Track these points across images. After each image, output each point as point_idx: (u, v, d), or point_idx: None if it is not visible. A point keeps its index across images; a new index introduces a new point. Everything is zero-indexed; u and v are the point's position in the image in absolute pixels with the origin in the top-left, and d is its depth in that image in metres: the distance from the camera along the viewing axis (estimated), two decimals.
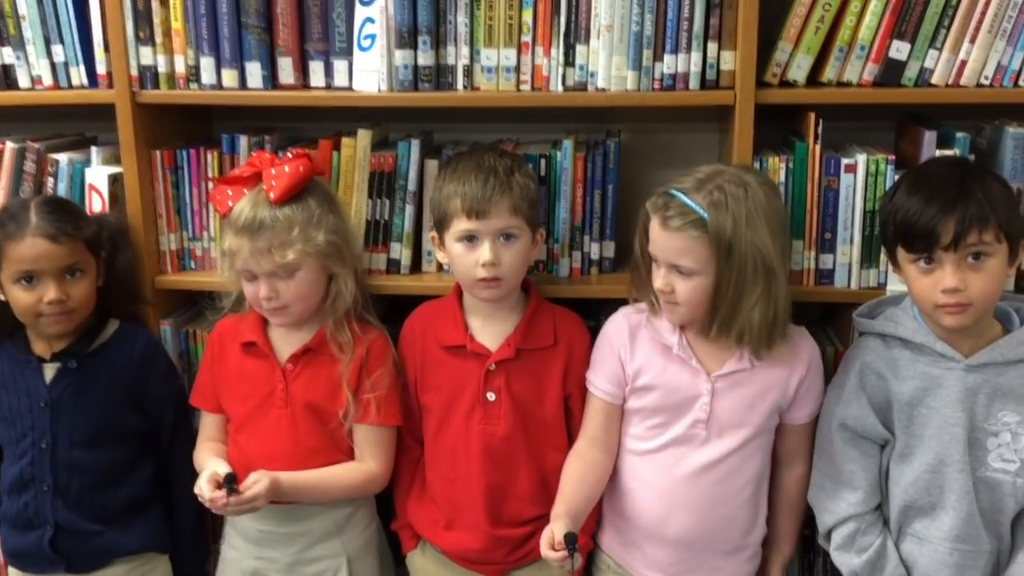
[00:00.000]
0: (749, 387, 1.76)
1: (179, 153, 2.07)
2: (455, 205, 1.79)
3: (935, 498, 1.69)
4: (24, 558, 1.94)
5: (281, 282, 1.80)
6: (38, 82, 2.07)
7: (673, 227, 1.66)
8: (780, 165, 1.90)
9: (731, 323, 1.69)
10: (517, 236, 1.81)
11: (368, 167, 2.00)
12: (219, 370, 1.92)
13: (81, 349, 1.89)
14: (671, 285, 1.69)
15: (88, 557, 1.92)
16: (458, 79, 1.96)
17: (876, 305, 1.81)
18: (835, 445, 1.76)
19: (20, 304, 1.83)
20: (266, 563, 1.91)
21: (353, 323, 1.89)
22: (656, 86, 1.91)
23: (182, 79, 2.02)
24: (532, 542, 1.89)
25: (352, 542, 1.92)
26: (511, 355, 1.85)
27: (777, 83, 1.91)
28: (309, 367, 1.87)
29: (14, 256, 1.81)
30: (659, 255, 1.71)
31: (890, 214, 1.66)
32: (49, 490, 1.88)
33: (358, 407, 1.85)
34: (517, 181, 1.81)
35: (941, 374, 1.67)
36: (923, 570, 1.71)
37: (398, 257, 2.05)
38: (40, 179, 2.07)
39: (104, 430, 1.89)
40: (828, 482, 1.78)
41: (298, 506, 1.86)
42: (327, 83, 2.02)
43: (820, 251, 1.94)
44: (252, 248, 1.77)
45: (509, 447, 1.86)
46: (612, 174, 2.02)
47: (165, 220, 2.08)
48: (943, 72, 1.88)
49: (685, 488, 1.77)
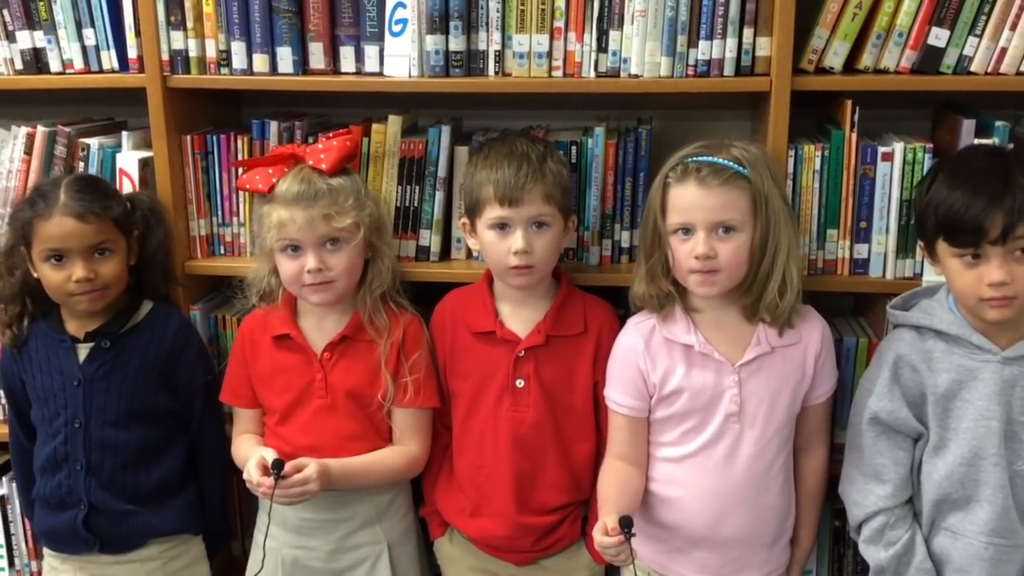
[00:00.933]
0: (772, 371, 1.74)
1: (209, 138, 2.07)
2: (487, 192, 1.78)
3: (970, 492, 1.67)
4: (58, 538, 1.95)
5: (329, 255, 1.80)
6: (69, 66, 2.07)
7: (713, 184, 1.66)
8: (816, 153, 1.88)
9: (768, 281, 1.69)
10: (549, 224, 1.80)
11: (398, 153, 2.00)
12: (253, 366, 1.92)
13: (115, 329, 1.89)
14: (714, 249, 1.67)
15: (122, 538, 1.93)
16: (489, 65, 1.94)
17: (910, 297, 1.79)
18: (866, 438, 1.74)
19: (50, 282, 1.84)
20: (306, 552, 1.90)
21: (389, 305, 1.89)
22: (690, 72, 1.89)
23: (213, 64, 2.01)
24: (559, 531, 1.89)
25: (392, 529, 1.93)
26: (541, 342, 1.84)
27: (813, 70, 1.89)
28: (346, 355, 1.87)
29: (43, 235, 1.82)
30: (697, 218, 1.67)
31: (930, 207, 1.63)
32: (82, 469, 1.89)
33: (398, 390, 1.85)
34: (550, 168, 1.80)
35: (977, 366, 1.65)
36: (957, 564, 1.69)
37: (427, 244, 2.04)
38: (71, 163, 2.07)
39: (136, 410, 1.90)
40: (858, 475, 1.76)
41: (340, 493, 1.85)
42: (357, 68, 2.01)
43: (855, 240, 1.92)
44: (307, 216, 1.77)
45: (537, 435, 1.85)
46: (644, 161, 2.00)
47: (195, 205, 2.08)
48: (982, 59, 1.85)
49: (733, 486, 1.75)
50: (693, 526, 1.77)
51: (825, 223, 1.91)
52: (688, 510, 1.77)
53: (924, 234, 1.70)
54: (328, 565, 1.90)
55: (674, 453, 1.79)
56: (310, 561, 1.90)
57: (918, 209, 1.72)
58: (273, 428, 1.91)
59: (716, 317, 1.76)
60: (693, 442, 1.76)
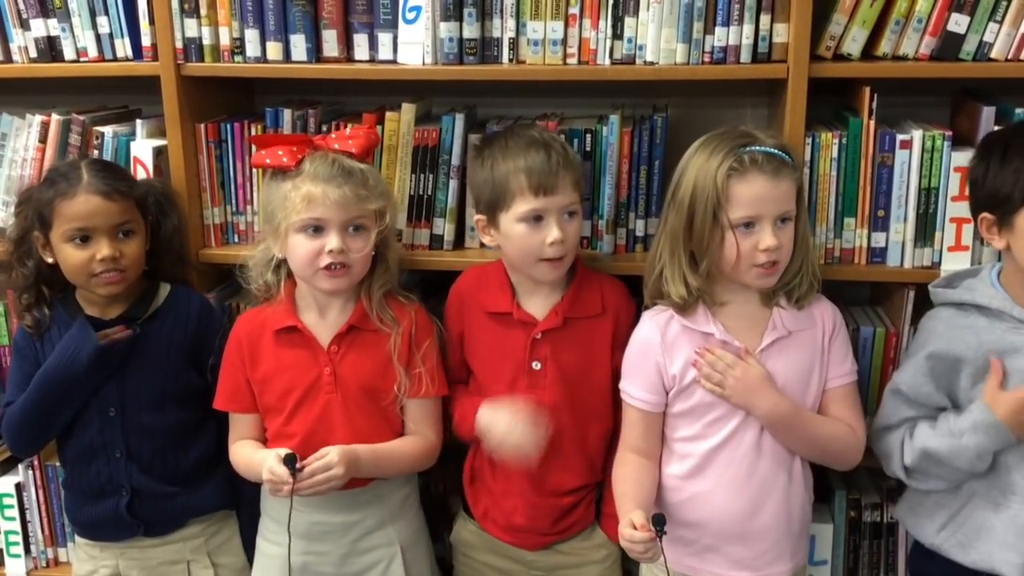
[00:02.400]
0: (791, 354, 1.73)
1: (223, 126, 2.06)
2: (519, 182, 1.74)
3: (1012, 460, 1.64)
4: (99, 527, 1.95)
5: (352, 238, 1.76)
6: (83, 54, 2.07)
7: (779, 175, 1.65)
8: (833, 141, 1.86)
9: (800, 271, 1.71)
10: (577, 212, 1.79)
11: (412, 141, 1.99)
12: (252, 367, 1.85)
13: (139, 314, 1.88)
14: (780, 240, 1.66)
15: (165, 519, 1.93)
16: (504, 52, 1.93)
17: (952, 278, 1.78)
18: (887, 405, 1.75)
19: (73, 263, 1.81)
20: (316, 557, 1.85)
21: (395, 298, 1.87)
22: (706, 59, 1.88)
23: (226, 52, 2.01)
24: (575, 513, 1.89)
25: (404, 530, 1.90)
26: (558, 324, 1.82)
27: (831, 56, 1.87)
28: (354, 347, 1.83)
29: (67, 213, 1.80)
30: (767, 210, 1.65)
31: (1020, 173, 1.60)
32: (122, 456, 1.89)
33: (412, 381, 1.83)
34: (573, 154, 1.80)
35: (1020, 339, 1.63)
36: (1000, 535, 1.65)
37: (441, 232, 2.03)
38: (85, 152, 2.07)
39: (169, 392, 1.90)
40: (880, 428, 1.76)
41: (353, 494, 1.82)
42: (371, 56, 2.00)
43: (872, 229, 1.90)
44: (340, 194, 1.72)
45: (553, 417, 1.83)
46: (659, 150, 1.98)
47: (209, 194, 2.08)
48: (1003, 46, 1.83)
49: (763, 474, 1.72)
50: (725, 520, 1.74)
51: (842, 212, 1.89)
52: (719, 504, 1.74)
53: (1001, 205, 1.64)
54: (340, 570, 1.86)
55: (699, 448, 1.75)
56: (321, 567, 1.85)
57: (991, 180, 1.65)
58: (278, 430, 1.84)
59: (737, 307, 1.74)
60: (719, 433, 1.73)
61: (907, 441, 1.71)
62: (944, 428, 1.67)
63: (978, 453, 1.63)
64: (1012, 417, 1.60)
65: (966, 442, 1.63)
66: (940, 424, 1.69)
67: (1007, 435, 1.61)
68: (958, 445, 1.63)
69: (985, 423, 1.61)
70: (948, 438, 1.65)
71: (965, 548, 1.70)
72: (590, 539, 1.92)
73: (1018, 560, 1.64)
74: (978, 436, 1.62)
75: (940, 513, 1.73)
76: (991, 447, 1.62)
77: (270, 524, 1.89)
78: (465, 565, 1.99)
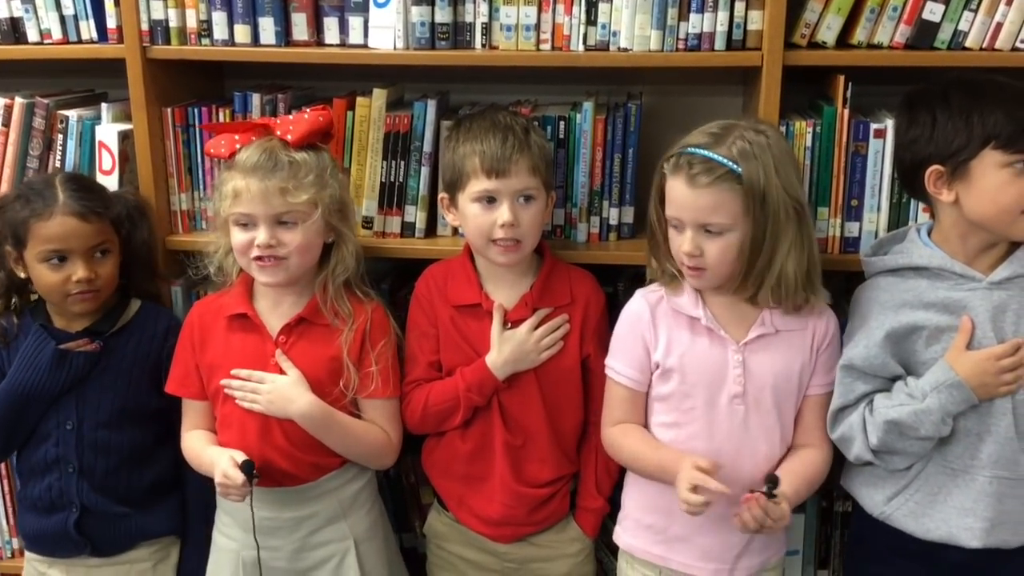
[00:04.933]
0: (777, 353, 1.71)
1: (190, 111, 2.03)
2: (473, 164, 1.75)
3: (971, 424, 1.62)
4: (47, 542, 1.91)
5: (284, 231, 1.74)
6: (47, 36, 2.02)
7: (702, 184, 1.61)
8: (807, 129, 1.86)
9: (764, 278, 1.64)
10: (535, 197, 1.78)
11: (383, 127, 1.96)
12: (202, 352, 1.83)
13: (105, 328, 1.86)
14: (699, 247, 1.64)
15: (113, 540, 1.90)
16: (476, 37, 1.91)
17: (878, 246, 1.77)
18: (842, 384, 1.70)
19: (47, 283, 1.80)
20: (269, 552, 1.82)
21: (353, 292, 1.84)
22: (681, 46, 1.86)
23: (193, 34, 1.97)
24: (550, 505, 1.88)
25: (358, 524, 1.87)
26: (528, 314, 1.81)
27: (805, 44, 1.86)
28: (303, 338, 1.80)
29: (42, 234, 1.78)
30: (685, 216, 1.64)
31: (972, 119, 1.58)
32: (75, 472, 1.86)
33: (364, 379, 1.80)
34: (535, 140, 1.78)
35: (964, 296, 1.62)
36: (959, 503, 1.64)
37: (413, 220, 2.01)
38: (50, 136, 2.04)
39: (129, 410, 1.87)
40: (835, 413, 1.71)
41: (302, 489, 1.81)
42: (342, 40, 1.97)
43: (846, 219, 1.90)
44: (262, 188, 1.71)
45: (526, 409, 1.83)
46: (633, 137, 1.97)
47: (176, 179, 2.05)
48: (978, 35, 1.82)
49: (732, 471, 1.67)
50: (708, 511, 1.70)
51: (816, 201, 1.89)
52: None
53: (954, 155, 1.61)
54: (292, 565, 1.84)
55: (675, 435, 1.74)
56: (273, 561, 1.82)
57: (941, 130, 1.63)
58: (223, 418, 1.82)
59: (726, 297, 1.73)
60: (696, 422, 1.72)
61: (868, 419, 1.66)
62: (903, 395, 1.63)
63: (942, 416, 1.59)
64: (974, 377, 1.57)
65: (928, 404, 1.59)
66: (896, 394, 1.65)
67: (969, 395, 1.58)
68: (920, 409, 1.59)
69: (948, 382, 1.58)
70: (909, 404, 1.61)
71: (917, 517, 1.67)
72: (564, 532, 1.91)
73: (978, 525, 1.62)
74: (940, 396, 1.58)
75: (891, 481, 1.70)
76: (953, 408, 1.59)
77: (223, 517, 1.88)
78: (438, 557, 1.98)
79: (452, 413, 1.83)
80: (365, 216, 2.00)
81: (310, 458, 1.80)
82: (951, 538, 1.64)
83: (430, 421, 1.86)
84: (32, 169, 2.04)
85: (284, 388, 1.75)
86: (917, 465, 1.67)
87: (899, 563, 1.72)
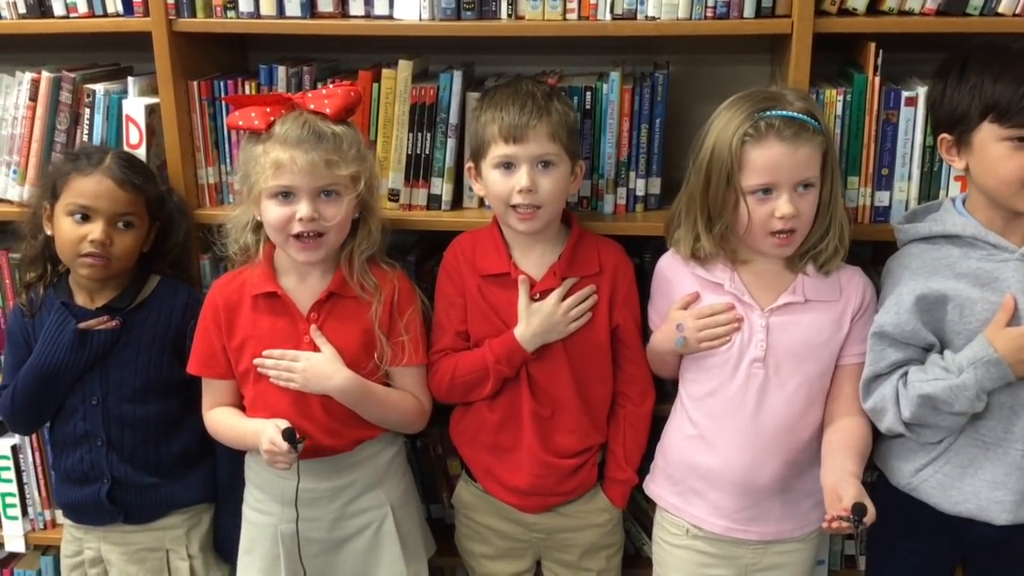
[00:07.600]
0: (803, 322, 1.71)
1: (216, 83, 2.02)
2: (493, 131, 1.76)
3: (1004, 397, 1.61)
4: (82, 511, 1.96)
5: (325, 205, 1.73)
6: (73, 9, 2.02)
7: (799, 140, 1.62)
8: (837, 98, 1.84)
9: (824, 238, 1.69)
10: (555, 164, 1.77)
11: (409, 99, 1.95)
12: (228, 333, 1.82)
13: (124, 304, 1.88)
14: (798, 208, 1.64)
15: (145, 508, 1.94)
16: (502, 7, 1.90)
17: (912, 215, 1.77)
18: (873, 351, 1.69)
19: (66, 237, 1.82)
20: (307, 523, 1.82)
21: (377, 265, 1.84)
22: (709, 14, 1.85)
23: (219, 7, 1.97)
24: (579, 476, 1.89)
25: (393, 491, 1.89)
26: (556, 284, 1.81)
27: (836, 11, 1.83)
28: (333, 314, 1.80)
29: (76, 188, 1.82)
30: (783, 177, 1.64)
31: (976, 90, 1.59)
32: (103, 445, 1.89)
33: (396, 349, 1.81)
34: (556, 108, 1.77)
35: (996, 267, 1.62)
36: (989, 475, 1.64)
37: (439, 192, 2.00)
38: (76, 110, 2.04)
39: (152, 384, 1.89)
40: (867, 382, 1.70)
41: (341, 458, 1.82)
42: (367, 11, 1.96)
43: (876, 188, 1.88)
44: (308, 160, 1.69)
45: (555, 378, 1.83)
46: (660, 107, 1.95)
47: (203, 153, 2.05)
48: (1010, 0, 1.79)
49: (763, 434, 1.72)
50: (705, 466, 1.76)
51: (846, 170, 1.87)
52: (703, 449, 1.77)
53: (958, 124, 1.63)
54: (330, 535, 1.85)
55: (700, 391, 1.78)
56: (311, 532, 1.83)
57: (948, 99, 1.66)
58: (255, 398, 1.82)
59: (758, 265, 1.74)
60: (716, 381, 1.75)
61: (902, 392, 1.65)
62: (938, 369, 1.62)
63: (977, 392, 1.58)
64: (1013, 354, 1.56)
65: (964, 379, 1.58)
66: (930, 367, 1.64)
67: (1007, 372, 1.57)
68: (955, 384, 1.58)
69: (985, 358, 1.57)
70: (945, 378, 1.60)
71: (945, 489, 1.67)
72: (592, 502, 1.91)
73: (1009, 498, 1.62)
74: (977, 372, 1.57)
75: (921, 453, 1.70)
76: (990, 385, 1.58)
77: (256, 492, 1.88)
78: (466, 527, 1.99)
79: (480, 384, 1.83)
80: (391, 188, 2.00)
81: (351, 431, 1.82)
82: (980, 511, 1.64)
83: (457, 391, 1.87)
84: (60, 143, 2.05)
85: (320, 364, 1.76)
86: (949, 438, 1.67)
87: (924, 537, 1.72)
